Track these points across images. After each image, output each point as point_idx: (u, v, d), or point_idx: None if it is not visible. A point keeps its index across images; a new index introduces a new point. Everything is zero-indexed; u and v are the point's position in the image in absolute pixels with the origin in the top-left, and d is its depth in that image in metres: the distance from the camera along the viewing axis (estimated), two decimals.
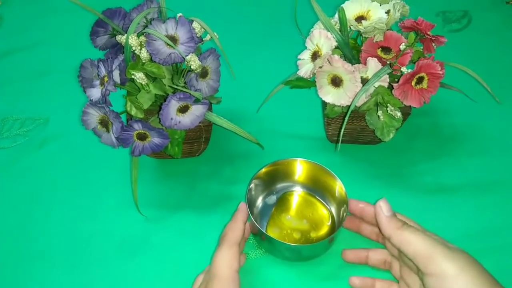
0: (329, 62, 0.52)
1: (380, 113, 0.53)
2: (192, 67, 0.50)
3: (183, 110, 0.50)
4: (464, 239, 0.52)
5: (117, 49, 0.55)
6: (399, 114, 0.52)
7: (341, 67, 0.50)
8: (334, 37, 0.52)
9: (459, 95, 0.60)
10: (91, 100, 0.49)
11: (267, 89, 0.61)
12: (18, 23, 0.83)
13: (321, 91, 0.54)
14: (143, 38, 0.49)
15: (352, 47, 0.55)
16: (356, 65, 0.52)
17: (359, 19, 0.53)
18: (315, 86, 0.54)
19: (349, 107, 0.51)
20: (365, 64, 0.52)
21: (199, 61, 0.50)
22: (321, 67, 0.52)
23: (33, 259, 0.53)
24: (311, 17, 0.56)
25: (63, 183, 0.60)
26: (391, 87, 0.52)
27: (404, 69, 0.51)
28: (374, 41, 0.53)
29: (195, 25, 0.51)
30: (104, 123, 0.50)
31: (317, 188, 0.55)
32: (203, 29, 0.52)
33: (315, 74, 0.53)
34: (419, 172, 0.59)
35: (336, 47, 0.53)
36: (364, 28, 0.51)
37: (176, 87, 0.51)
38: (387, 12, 0.52)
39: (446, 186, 0.58)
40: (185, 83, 0.52)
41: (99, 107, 0.48)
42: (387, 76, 0.52)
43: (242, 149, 0.62)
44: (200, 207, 0.57)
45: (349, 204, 0.50)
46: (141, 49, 0.49)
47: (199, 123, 0.51)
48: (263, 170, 0.53)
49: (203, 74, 0.52)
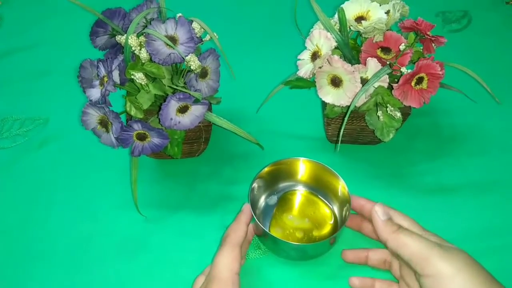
0: (329, 62, 0.52)
1: (380, 113, 0.53)
2: (191, 67, 0.50)
3: (183, 110, 0.50)
4: (464, 239, 0.52)
5: (117, 49, 0.55)
6: (398, 114, 0.52)
7: (340, 67, 0.50)
8: (333, 38, 0.52)
9: (459, 95, 0.60)
10: (91, 100, 0.49)
11: (267, 89, 0.61)
12: (18, 23, 0.83)
13: (321, 92, 0.54)
14: (142, 38, 0.49)
15: (351, 48, 0.55)
16: (355, 66, 0.52)
17: (359, 19, 0.53)
18: (315, 86, 0.54)
19: (348, 107, 0.51)
20: (365, 64, 0.52)
21: (198, 61, 0.50)
22: (320, 68, 0.52)
23: (33, 259, 0.53)
24: (310, 18, 0.56)
25: (63, 183, 0.60)
26: (390, 88, 0.52)
27: (403, 70, 0.51)
28: (373, 42, 0.53)
29: (195, 25, 0.51)
30: (103, 123, 0.50)
31: (320, 187, 0.55)
32: (202, 29, 0.52)
33: (314, 74, 0.53)
34: (419, 172, 0.59)
35: (335, 48, 0.52)
36: (363, 28, 0.51)
37: (175, 87, 0.51)
38: (387, 12, 0.52)
39: (446, 186, 0.58)
40: (184, 83, 0.52)
41: (99, 107, 0.48)
42: (387, 76, 0.52)
43: (242, 149, 0.62)
44: (199, 208, 0.57)
45: (351, 199, 0.50)
46: (140, 49, 0.49)
47: (199, 123, 0.51)
48: (265, 169, 0.53)
49: (203, 74, 0.52)
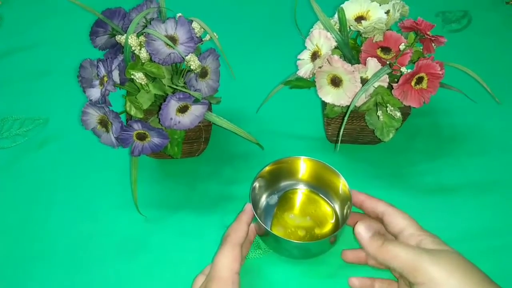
0: (329, 62, 0.52)
1: (379, 113, 0.53)
2: (191, 67, 0.50)
3: (183, 110, 0.50)
4: (464, 239, 0.52)
5: (117, 49, 0.55)
6: (398, 114, 0.52)
7: (340, 67, 0.50)
8: (333, 37, 0.52)
9: (459, 95, 0.60)
10: (91, 100, 0.49)
11: (266, 89, 0.61)
12: (18, 23, 0.83)
13: (321, 91, 0.54)
14: (142, 38, 0.49)
15: (351, 47, 0.55)
16: (355, 65, 0.52)
17: (359, 19, 0.53)
18: (315, 86, 0.54)
19: (348, 107, 0.51)
20: (365, 64, 0.52)
21: (198, 61, 0.50)
22: (320, 67, 0.52)
23: (33, 259, 0.53)
24: (310, 17, 0.56)
25: (63, 183, 0.60)
26: (390, 87, 0.52)
27: (403, 69, 0.51)
28: (373, 41, 0.53)
29: (195, 25, 0.51)
30: (103, 123, 0.50)
31: (321, 185, 0.55)
32: (202, 29, 0.52)
33: (314, 74, 0.53)
34: (418, 172, 0.59)
35: (335, 47, 0.52)
36: (363, 28, 0.51)
37: (175, 87, 0.51)
38: (387, 12, 0.52)
39: (445, 186, 0.58)
40: (184, 83, 0.52)
41: (99, 107, 0.48)
42: (387, 76, 0.52)
43: (242, 149, 0.62)
44: (199, 207, 0.57)
45: (351, 194, 0.50)
46: (140, 49, 0.49)
47: (199, 123, 0.51)
48: (266, 169, 0.53)
49: (203, 74, 0.52)
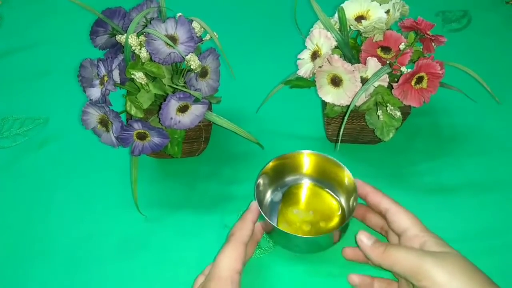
0: (329, 61, 0.52)
1: (379, 112, 0.53)
2: (191, 67, 0.50)
3: (183, 109, 0.50)
4: (463, 239, 0.52)
5: (117, 48, 0.55)
6: (398, 113, 0.52)
7: (340, 66, 0.50)
8: (333, 37, 0.52)
9: (459, 94, 0.60)
10: (91, 99, 0.49)
11: (267, 89, 0.61)
12: (18, 22, 0.83)
13: (321, 91, 0.54)
14: (142, 37, 0.49)
15: (351, 47, 0.55)
16: (355, 65, 0.52)
17: (359, 18, 0.53)
18: (315, 85, 0.54)
19: (348, 106, 0.51)
20: (365, 63, 0.52)
21: (198, 60, 0.50)
22: (320, 67, 0.52)
23: (33, 258, 0.53)
24: (310, 17, 0.56)
25: (63, 183, 0.60)
26: (390, 87, 0.52)
27: (403, 69, 0.51)
28: (373, 41, 0.53)
29: (195, 24, 0.51)
30: (104, 123, 0.50)
31: (325, 179, 0.55)
32: (202, 29, 0.52)
33: (314, 73, 0.53)
34: (418, 171, 0.59)
35: (335, 47, 0.52)
36: (363, 27, 0.51)
37: (175, 86, 0.51)
38: (387, 11, 0.52)
39: (445, 185, 0.58)
40: (184, 82, 0.52)
41: (99, 106, 0.48)
42: (387, 75, 0.52)
43: (242, 148, 0.62)
44: (200, 207, 0.57)
45: (356, 185, 0.50)
46: (140, 49, 0.49)
47: (199, 122, 0.51)
48: (270, 165, 0.53)
49: (203, 73, 0.52)
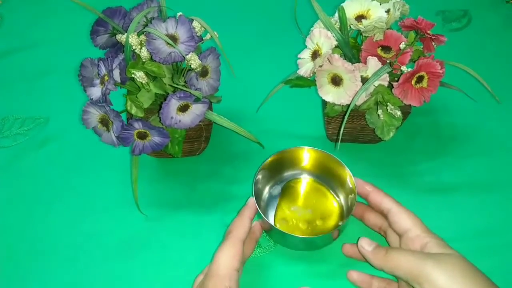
0: (329, 61, 0.52)
1: (380, 112, 0.53)
2: (192, 66, 0.50)
3: (183, 109, 0.50)
4: (464, 238, 0.52)
5: (117, 48, 0.55)
6: (399, 113, 0.52)
7: (341, 66, 0.51)
8: (334, 36, 0.52)
9: (459, 94, 0.60)
10: (92, 99, 0.49)
11: (267, 88, 0.61)
12: (18, 22, 0.83)
13: (321, 90, 0.54)
14: (143, 37, 0.49)
15: (352, 46, 0.55)
16: (356, 64, 0.52)
17: (359, 18, 0.53)
18: (315, 85, 0.54)
19: (349, 106, 0.51)
20: (365, 63, 0.52)
21: (199, 60, 0.50)
22: (321, 66, 0.52)
23: (34, 257, 0.53)
24: (311, 16, 0.56)
25: (63, 182, 0.60)
26: (391, 86, 0.52)
27: (404, 68, 0.51)
28: (374, 40, 0.53)
29: (195, 24, 0.51)
30: (104, 122, 0.50)
31: (325, 176, 0.55)
32: (203, 28, 0.52)
33: (315, 73, 0.53)
34: (419, 171, 0.59)
35: (336, 46, 0.52)
36: (364, 27, 0.51)
37: (176, 86, 0.51)
38: (387, 11, 0.52)
39: (446, 185, 0.58)
40: (185, 82, 0.52)
41: (100, 106, 0.48)
42: (387, 75, 0.52)
43: (242, 148, 0.62)
44: (200, 206, 0.57)
45: (356, 183, 0.50)
46: (141, 48, 0.49)
47: (199, 122, 0.51)
48: (269, 160, 0.53)
49: (203, 73, 0.52)
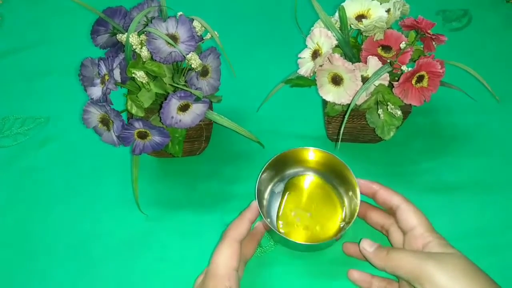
0: (330, 60, 0.52)
1: (380, 111, 0.53)
2: (192, 66, 0.50)
3: (184, 108, 0.50)
4: (464, 237, 0.52)
5: (118, 48, 0.55)
6: (399, 112, 0.52)
7: (341, 65, 0.51)
8: (334, 36, 0.52)
9: (459, 93, 0.60)
10: (92, 98, 0.49)
11: (267, 88, 0.61)
12: (18, 22, 0.83)
13: (322, 90, 0.54)
14: (143, 36, 0.49)
15: (352, 46, 0.55)
16: (356, 64, 0.52)
17: (360, 17, 0.53)
18: (316, 84, 0.54)
19: (349, 105, 0.51)
20: (366, 62, 0.52)
21: (199, 59, 0.50)
22: (321, 66, 0.52)
23: (34, 257, 0.53)
24: (311, 16, 0.56)
25: (64, 182, 0.60)
26: (391, 86, 0.52)
27: (404, 68, 0.51)
28: (374, 40, 0.53)
29: (196, 24, 0.51)
30: (105, 122, 0.50)
31: (328, 176, 0.55)
32: (203, 28, 0.52)
33: (315, 72, 0.53)
34: (419, 170, 0.59)
35: (336, 46, 0.53)
36: (364, 26, 0.51)
37: (176, 85, 0.51)
38: (387, 10, 0.52)
39: (446, 184, 0.58)
40: (185, 81, 0.52)
41: (100, 105, 0.48)
42: (388, 74, 0.52)
43: (242, 147, 0.62)
44: (200, 206, 0.57)
45: (359, 185, 0.50)
46: (141, 48, 0.49)
47: (200, 121, 0.52)
48: (273, 160, 0.52)
49: (204, 72, 0.52)
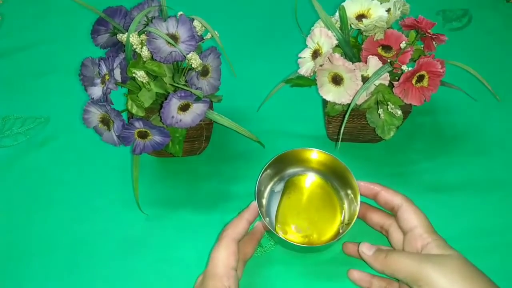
0: (330, 60, 0.52)
1: (380, 111, 0.53)
2: (193, 66, 0.50)
3: (184, 108, 0.50)
4: (464, 237, 0.52)
5: (118, 47, 0.55)
6: (399, 112, 0.52)
7: (341, 65, 0.51)
8: (334, 36, 0.52)
9: (460, 93, 0.60)
10: (92, 98, 0.49)
11: (267, 88, 0.61)
12: (19, 22, 0.83)
13: (322, 90, 0.54)
14: (144, 36, 0.49)
15: (352, 46, 0.55)
16: (356, 64, 0.52)
17: (360, 17, 0.53)
18: (316, 84, 0.54)
19: (349, 105, 0.51)
20: (366, 62, 0.52)
21: (200, 59, 0.50)
22: (321, 66, 0.52)
23: (34, 257, 0.53)
24: (311, 16, 0.56)
25: (64, 182, 0.60)
26: (391, 85, 0.52)
27: (404, 67, 0.51)
28: (374, 40, 0.53)
29: (196, 23, 0.51)
30: (105, 122, 0.50)
31: (329, 178, 0.55)
32: (203, 28, 0.52)
33: (315, 72, 0.53)
34: (419, 170, 0.59)
35: (336, 46, 0.53)
36: (364, 26, 0.51)
37: (177, 85, 0.51)
38: (388, 10, 0.52)
39: (446, 184, 0.58)
40: (186, 81, 0.52)
41: (100, 105, 0.48)
42: (388, 74, 0.52)
43: (243, 147, 0.62)
44: (200, 206, 0.57)
45: (360, 187, 0.50)
46: (142, 48, 0.49)
47: (200, 121, 0.52)
48: (274, 159, 0.52)
49: (204, 72, 0.52)
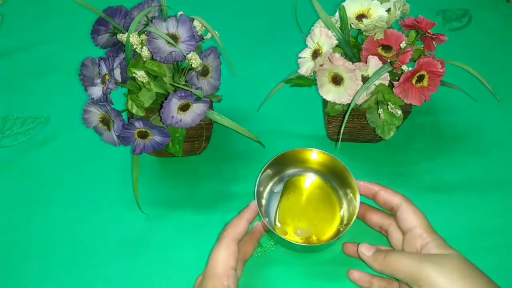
0: (330, 60, 0.52)
1: (380, 111, 0.53)
2: (193, 66, 0.50)
3: (184, 108, 0.50)
4: (464, 237, 0.52)
5: (118, 47, 0.55)
6: (399, 112, 0.52)
7: (341, 65, 0.51)
8: (334, 36, 0.52)
9: (460, 93, 0.60)
10: (92, 98, 0.49)
11: (267, 88, 0.61)
12: (19, 22, 0.83)
13: (322, 90, 0.54)
14: (144, 36, 0.49)
15: (352, 46, 0.55)
16: (356, 63, 0.52)
17: (360, 17, 0.53)
18: (316, 84, 0.54)
19: (349, 105, 0.51)
20: (366, 62, 0.52)
21: (200, 59, 0.50)
22: (321, 66, 0.52)
23: (34, 257, 0.53)
24: (311, 16, 0.56)
25: (64, 182, 0.60)
26: (391, 85, 0.52)
27: (404, 67, 0.51)
28: (374, 39, 0.53)
29: (196, 23, 0.51)
30: (105, 122, 0.50)
31: (329, 178, 0.55)
32: (204, 28, 0.52)
33: (315, 72, 0.53)
34: (419, 170, 0.59)
35: (336, 46, 0.53)
36: (364, 26, 0.51)
37: (177, 85, 0.51)
38: (388, 10, 0.52)
39: (446, 184, 0.58)
40: (186, 81, 0.52)
41: (101, 105, 0.48)
42: (388, 74, 0.52)
43: (243, 147, 0.62)
44: (201, 206, 0.57)
45: (359, 187, 0.50)
46: (142, 48, 0.49)
47: (200, 121, 0.52)
48: (274, 159, 0.52)
49: (204, 72, 0.53)
